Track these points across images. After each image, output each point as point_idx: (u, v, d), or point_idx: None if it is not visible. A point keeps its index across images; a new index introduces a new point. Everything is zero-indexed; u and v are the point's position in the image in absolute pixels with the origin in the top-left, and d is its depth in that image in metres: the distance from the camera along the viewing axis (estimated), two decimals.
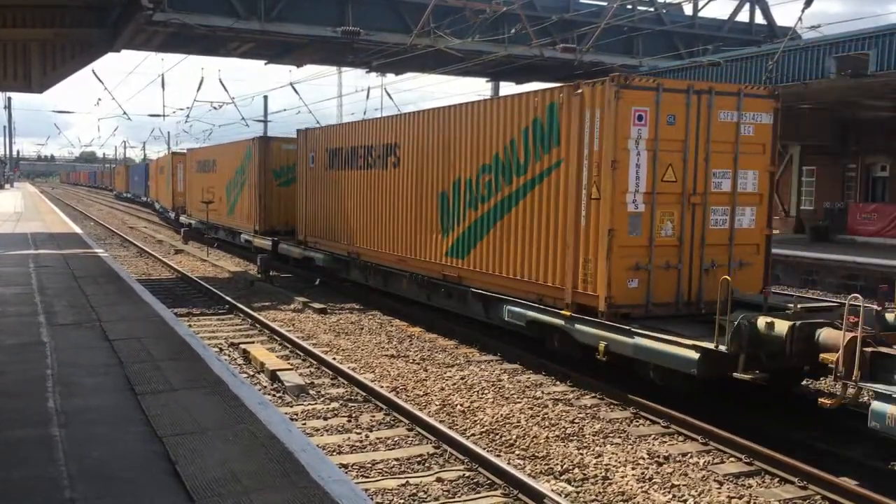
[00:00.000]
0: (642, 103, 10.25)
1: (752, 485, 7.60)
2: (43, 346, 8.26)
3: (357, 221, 17.72)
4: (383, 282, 16.90)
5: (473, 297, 13.33)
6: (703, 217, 10.71)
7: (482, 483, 7.38)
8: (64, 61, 20.55)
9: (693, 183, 10.61)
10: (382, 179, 16.42)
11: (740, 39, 27.58)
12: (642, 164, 10.29)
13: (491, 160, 12.66)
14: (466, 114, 13.54)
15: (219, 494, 4.47)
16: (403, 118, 16.20)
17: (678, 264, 10.55)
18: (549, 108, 11.28)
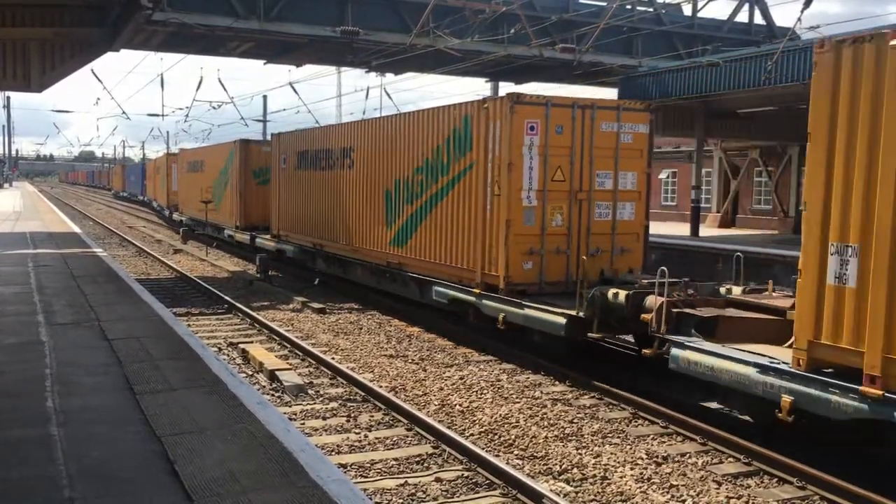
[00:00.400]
0: (534, 116, 12.24)
1: (751, 485, 7.61)
2: (42, 345, 8.25)
3: (320, 217, 19.70)
4: (342, 270, 18.76)
5: (411, 281, 15.29)
6: (589, 210, 12.77)
7: (481, 483, 7.38)
8: (63, 61, 20.54)
9: (580, 182, 12.66)
10: (340, 179, 18.42)
11: (739, 40, 27.58)
12: (535, 166, 12.33)
13: (423, 162, 14.57)
14: (405, 123, 15.56)
15: (217, 494, 4.47)
16: (357, 125, 18.30)
17: (567, 250, 12.62)
18: (465, 120, 13.23)
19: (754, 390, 8.07)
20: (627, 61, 26.14)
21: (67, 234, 24.55)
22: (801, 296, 7.72)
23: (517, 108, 12.11)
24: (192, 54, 27.19)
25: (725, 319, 9.36)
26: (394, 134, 15.90)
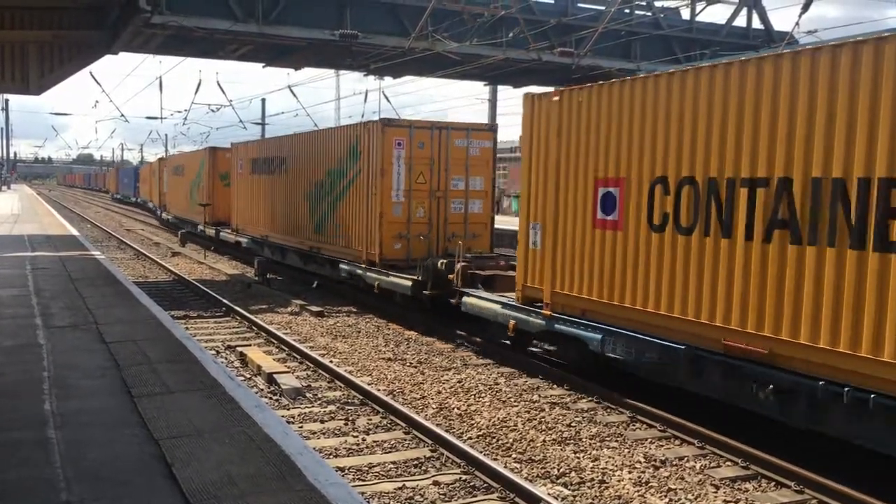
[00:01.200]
0: (400, 135, 16.18)
1: (749, 489, 7.61)
2: (39, 348, 8.24)
3: (266, 212, 23.65)
4: (281, 255, 22.45)
5: (325, 262, 19.10)
6: (445, 206, 16.65)
7: (479, 486, 7.38)
8: (62, 63, 20.55)
9: (437, 184, 16.53)
10: (279, 182, 22.52)
11: (738, 44, 27.59)
12: (402, 172, 16.19)
13: (333, 167, 18.55)
14: (320, 137, 20.04)
15: (215, 497, 4.47)
16: (289, 138, 22.49)
17: (428, 234, 16.51)
18: (357, 138, 17.24)
19: (499, 319, 12.33)
20: (626, 65, 26.13)
21: (65, 236, 24.53)
22: (518, 257, 12.11)
23: (387, 129, 16.18)
24: (191, 57, 27.17)
25: (499, 277, 13.68)
26: (313, 146, 20.16)
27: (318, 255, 19.55)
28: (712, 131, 8.68)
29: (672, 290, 9.17)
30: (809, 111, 7.64)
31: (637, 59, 26.73)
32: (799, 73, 7.76)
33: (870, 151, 7.11)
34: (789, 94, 7.84)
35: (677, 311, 9.10)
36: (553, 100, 11.25)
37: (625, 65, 26.23)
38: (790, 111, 7.83)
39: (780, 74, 7.95)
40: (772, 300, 7.99)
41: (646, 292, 9.54)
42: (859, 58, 7.22)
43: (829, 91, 7.47)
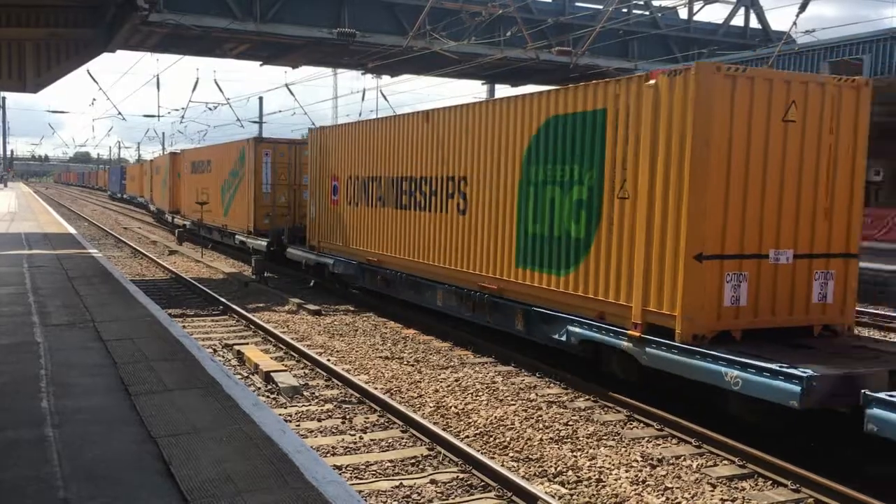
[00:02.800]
0: (268, 148, 23.85)
1: (745, 487, 7.63)
2: (37, 346, 8.24)
3: (190, 198, 32.06)
4: (208, 232, 29.38)
5: (228, 235, 26.37)
6: (298, 194, 23.43)
7: (476, 485, 7.39)
8: (59, 61, 20.51)
9: (294, 179, 23.75)
10: (206, 179, 29.91)
11: (735, 44, 27.63)
12: (269, 172, 23.61)
13: (232, 169, 25.94)
14: (226, 147, 27.43)
15: (213, 495, 4.47)
16: (209, 148, 31.47)
17: (288, 214, 23.58)
18: (243, 149, 24.64)
19: (303, 261, 19.82)
20: (623, 64, 26.18)
21: (62, 234, 24.50)
22: (308, 224, 20.06)
23: (258, 145, 23.97)
24: (189, 55, 27.20)
25: None
26: (222, 154, 27.72)
27: (225, 230, 27.08)
28: (372, 153, 16.56)
29: (360, 235, 17.08)
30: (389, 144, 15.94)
31: (635, 58, 26.77)
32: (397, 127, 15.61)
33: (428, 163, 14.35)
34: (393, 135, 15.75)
35: (361, 246, 17.03)
36: (317, 132, 19.85)
37: (622, 64, 26.27)
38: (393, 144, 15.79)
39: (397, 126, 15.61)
40: (402, 238, 15.34)
41: (350, 238, 17.55)
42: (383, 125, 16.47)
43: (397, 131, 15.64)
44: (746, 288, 8.99)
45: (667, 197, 9.06)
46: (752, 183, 8.95)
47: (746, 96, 8.86)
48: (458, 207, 13.31)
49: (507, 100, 12.18)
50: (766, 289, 9.18)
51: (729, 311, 8.97)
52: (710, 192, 8.74)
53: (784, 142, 9.09)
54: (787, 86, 9.10)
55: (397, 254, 15.37)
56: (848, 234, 9.54)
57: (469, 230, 13.02)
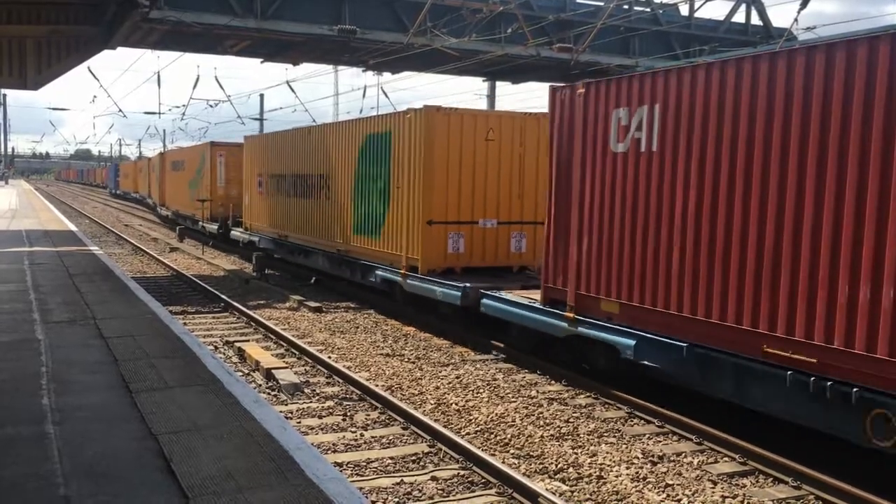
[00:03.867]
0: (222, 151, 29.14)
1: (746, 484, 7.63)
2: (37, 343, 8.24)
3: (176, 193, 37.72)
4: (183, 219, 35.21)
5: (195, 221, 31.58)
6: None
7: (477, 482, 7.39)
8: (59, 58, 20.48)
9: (240, 177, 26.85)
10: (180, 176, 35.79)
11: (736, 40, 27.57)
12: (223, 171, 29.00)
13: (197, 167, 31.19)
14: (192, 149, 33.56)
15: (213, 492, 4.47)
16: (180, 150, 39.42)
17: (239, 204, 26.34)
18: (203, 151, 30.30)
19: (241, 238, 25.00)
20: (624, 61, 26.12)
21: (63, 231, 24.50)
22: (244, 211, 26.10)
23: (213, 148, 29.54)
24: (189, 52, 27.14)
25: None
26: (190, 154, 34.07)
27: (192, 217, 32.35)
28: (279, 157, 21.99)
29: (274, 218, 22.39)
30: (301, 149, 20.64)
31: (636, 55, 26.71)
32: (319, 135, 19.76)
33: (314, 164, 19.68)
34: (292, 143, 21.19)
35: (275, 226, 22.26)
36: (248, 140, 26.00)
37: (623, 61, 26.21)
38: (300, 149, 20.69)
39: (316, 136, 19.91)
40: (296, 219, 20.80)
41: (269, 220, 22.84)
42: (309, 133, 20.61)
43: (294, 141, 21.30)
44: (464, 242, 14.58)
45: (414, 186, 14.67)
46: (464, 177, 14.45)
47: (458, 125, 14.45)
48: (325, 196, 18.97)
49: (348, 122, 18.65)
50: (478, 243, 14.71)
51: (452, 256, 14.56)
52: (436, 183, 14.34)
53: (487, 152, 14.56)
54: (487, 118, 14.94)
55: (294, 231, 20.99)
56: (535, 210, 14.34)
57: (331, 212, 18.68)
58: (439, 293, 13.71)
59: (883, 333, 6.90)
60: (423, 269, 14.36)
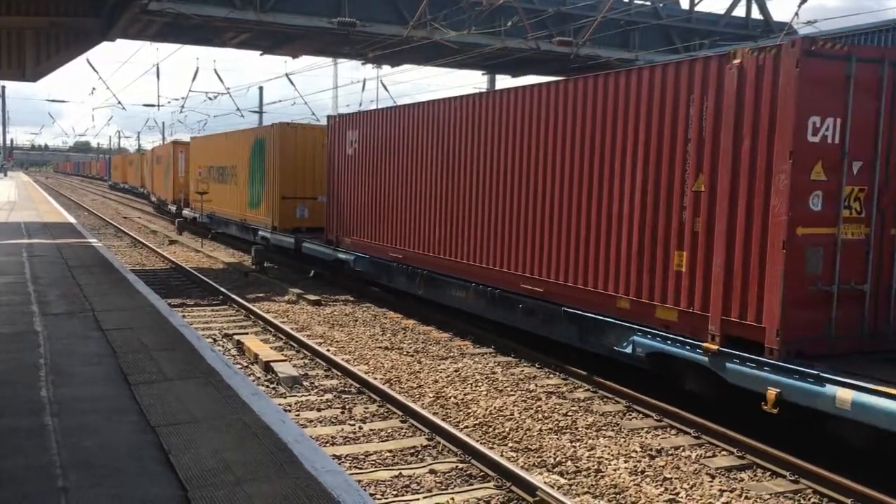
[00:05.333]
0: (182, 149, 34.79)
1: (744, 478, 7.64)
2: (36, 335, 8.24)
3: (158, 182, 42.60)
4: (160, 202, 41.46)
5: (164, 203, 39.28)
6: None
7: (475, 475, 7.40)
8: (58, 50, 20.44)
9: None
10: (160, 168, 40.98)
11: (737, 34, 27.53)
12: (183, 164, 34.43)
13: (168, 160, 37.17)
14: (165, 147, 40.75)
15: (212, 484, 4.47)
16: (162, 146, 43.77)
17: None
18: (169, 148, 37.63)
19: (190, 217, 32.83)
20: (624, 55, 26.07)
21: (62, 224, 24.48)
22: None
23: (175, 146, 36.27)
24: (189, 45, 27.10)
25: None
26: (165, 150, 39.68)
27: (163, 200, 39.18)
28: (208, 153, 29.63)
29: (210, 199, 27.95)
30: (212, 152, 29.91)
31: (636, 48, 26.66)
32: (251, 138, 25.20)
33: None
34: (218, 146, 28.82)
35: (211, 205, 28.11)
36: (193, 140, 34.05)
37: (623, 54, 26.16)
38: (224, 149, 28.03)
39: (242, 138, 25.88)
40: (221, 199, 27.28)
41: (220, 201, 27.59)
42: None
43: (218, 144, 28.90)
44: (307, 210, 21.36)
45: (276, 174, 21.57)
46: (307, 168, 21.28)
47: (303, 135, 21.75)
48: (234, 182, 25.92)
49: (246, 129, 26.87)
50: (316, 211, 20.79)
51: (298, 220, 21.43)
52: (287, 171, 21.34)
53: (323, 153, 19.73)
54: (322, 130, 20.40)
55: (220, 207, 27.53)
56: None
57: (237, 192, 25.34)
58: (286, 242, 21.07)
59: (574, 272, 10.78)
60: (280, 228, 21.57)
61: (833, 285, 8.12)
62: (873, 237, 8.33)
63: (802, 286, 7.99)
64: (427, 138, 14.48)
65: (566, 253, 10.95)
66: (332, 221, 18.47)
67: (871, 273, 8.32)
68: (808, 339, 8.02)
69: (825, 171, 8.02)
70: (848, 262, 8.21)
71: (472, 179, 13.18)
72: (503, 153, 12.33)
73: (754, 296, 8.19)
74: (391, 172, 15.84)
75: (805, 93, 7.78)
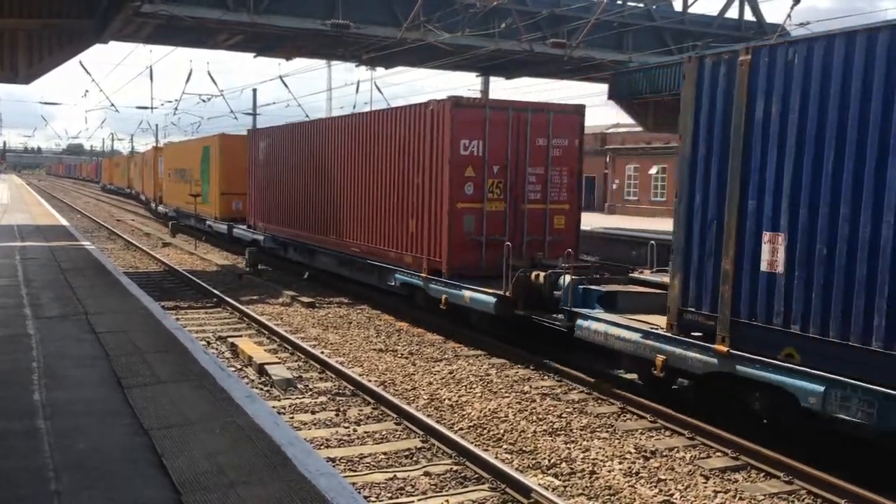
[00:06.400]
0: (161, 154, 39.91)
1: (739, 479, 7.65)
2: (29, 338, 8.20)
3: (147, 183, 45.93)
4: (144, 200, 47.19)
5: (149, 202, 44.67)
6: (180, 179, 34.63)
7: (470, 477, 7.39)
8: (51, 52, 20.39)
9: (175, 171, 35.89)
10: (146, 170, 45.60)
11: (729, 36, 27.57)
12: (163, 167, 38.26)
13: (149, 164, 43.43)
14: (149, 151, 46.51)
15: (205, 487, 4.46)
16: (146, 152, 48.90)
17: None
18: (154, 152, 42.92)
19: (161, 211, 38.76)
20: (618, 56, 26.09)
21: (55, 226, 24.41)
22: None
23: (155, 150, 42.65)
24: (182, 47, 27.04)
25: None
26: (148, 154, 45.09)
27: (146, 196, 44.91)
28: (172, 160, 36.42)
29: (172, 196, 35.60)
30: None
31: (629, 50, 26.67)
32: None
33: None
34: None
35: (173, 201, 35.16)
36: (163, 147, 41.82)
37: (617, 56, 26.18)
38: None
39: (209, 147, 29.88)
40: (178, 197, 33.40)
41: (171, 197, 35.57)
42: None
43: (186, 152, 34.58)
44: (242, 204, 25.63)
45: (217, 175, 27.27)
46: (241, 170, 25.08)
47: (238, 143, 26.34)
48: (193, 181, 30.34)
49: (199, 138, 34.40)
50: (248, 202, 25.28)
51: (235, 211, 26.37)
52: (226, 173, 26.71)
53: None
54: (243, 139, 26.13)
55: (180, 203, 32.37)
56: None
57: (193, 190, 29.21)
58: (222, 228, 26.81)
59: (372, 237, 16.27)
60: (220, 218, 27.25)
61: (482, 237, 13.78)
62: (508, 210, 13.97)
63: (462, 238, 13.65)
64: (301, 149, 20.54)
65: (368, 225, 16.55)
66: (251, 211, 24.38)
67: (508, 230, 13.91)
68: (467, 267, 13.65)
69: (474, 171, 13.58)
70: (491, 224, 13.88)
71: (324, 180, 18.89)
72: (335, 161, 18.29)
73: (437, 244, 13.92)
74: (283, 174, 21.76)
75: (456, 127, 13.47)
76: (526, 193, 14.09)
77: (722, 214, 8.42)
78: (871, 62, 7.02)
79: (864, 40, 7.08)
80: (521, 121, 13.91)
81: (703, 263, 8.66)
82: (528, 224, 14.15)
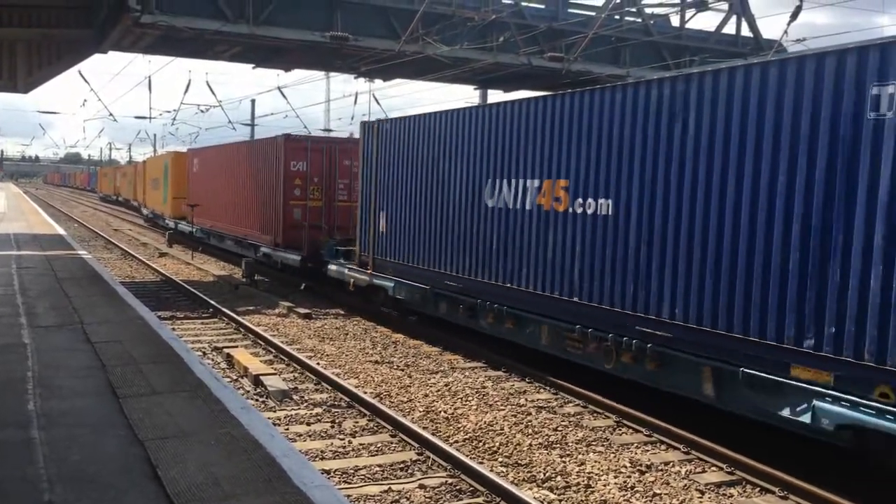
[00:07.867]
0: (145, 166, 45.73)
1: (734, 494, 7.64)
2: (24, 347, 8.19)
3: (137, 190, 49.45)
4: (137, 207, 49.50)
5: (128, 202, 58.20)
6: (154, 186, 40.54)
7: (465, 490, 7.38)
8: (50, 62, 20.44)
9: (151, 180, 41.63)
10: (139, 180, 47.36)
11: (726, 52, 27.69)
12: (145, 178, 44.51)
13: (128, 175, 58.12)
14: (143, 162, 50.22)
15: (200, 499, 4.45)
16: (142, 163, 51.37)
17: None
18: (145, 162, 48.59)
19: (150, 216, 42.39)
20: (615, 71, 26.17)
21: (52, 235, 24.39)
22: None
23: (143, 163, 47.57)
24: (181, 57, 27.05)
25: None
26: (140, 165, 50.22)
27: (140, 204, 46.54)
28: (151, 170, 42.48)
29: (156, 202, 39.36)
30: None
31: (626, 64, 26.77)
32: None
33: None
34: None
35: (157, 207, 38.85)
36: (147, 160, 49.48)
37: (614, 70, 26.26)
38: None
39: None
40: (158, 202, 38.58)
41: (154, 204, 39.95)
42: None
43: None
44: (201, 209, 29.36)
45: (172, 183, 33.94)
46: (183, 183, 32.53)
47: (188, 158, 32.62)
48: (162, 189, 34.87)
49: (163, 154, 43.41)
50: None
51: (185, 210, 30.19)
52: (178, 182, 32.90)
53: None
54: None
55: (155, 206, 38.03)
56: None
57: (162, 196, 34.86)
58: (171, 225, 33.49)
59: (254, 226, 23.37)
60: (171, 216, 33.60)
61: (306, 223, 20.05)
62: (325, 205, 20.45)
63: (291, 223, 20.33)
64: (213, 165, 27.96)
65: (248, 217, 23.98)
66: (192, 211, 29.68)
67: (325, 219, 20.28)
68: (291, 244, 20.32)
69: (301, 181, 20.36)
70: (312, 214, 20.29)
71: (225, 187, 26.02)
72: (228, 175, 25.77)
73: (278, 227, 20.74)
74: (206, 183, 28.73)
75: (287, 153, 20.57)
76: (337, 195, 20.78)
77: (373, 206, 16.07)
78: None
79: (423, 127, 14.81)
80: (332, 149, 20.95)
81: (364, 232, 16.53)
82: (338, 215, 20.63)
